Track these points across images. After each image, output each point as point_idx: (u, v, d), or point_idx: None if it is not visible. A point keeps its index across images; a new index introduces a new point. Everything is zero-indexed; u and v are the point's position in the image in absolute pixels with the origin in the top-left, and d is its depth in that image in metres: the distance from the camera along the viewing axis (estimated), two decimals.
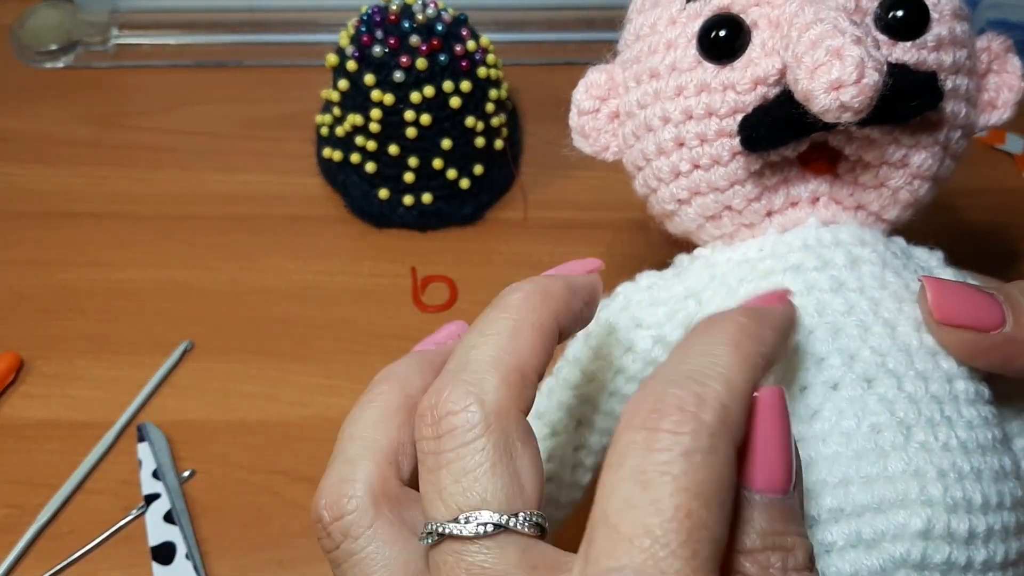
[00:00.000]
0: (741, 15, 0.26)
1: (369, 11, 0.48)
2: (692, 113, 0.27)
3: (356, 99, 0.47)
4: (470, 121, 0.48)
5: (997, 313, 0.25)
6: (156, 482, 0.40)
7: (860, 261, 0.27)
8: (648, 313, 0.28)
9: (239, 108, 0.57)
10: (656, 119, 0.28)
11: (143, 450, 0.41)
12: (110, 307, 0.47)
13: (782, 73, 0.25)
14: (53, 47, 0.60)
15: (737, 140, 0.26)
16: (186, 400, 0.43)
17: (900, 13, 0.25)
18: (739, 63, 0.26)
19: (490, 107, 0.49)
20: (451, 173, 0.49)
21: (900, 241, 0.29)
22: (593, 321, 0.27)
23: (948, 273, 0.29)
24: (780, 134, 0.26)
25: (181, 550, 0.38)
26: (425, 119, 0.46)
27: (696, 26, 0.27)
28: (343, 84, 0.47)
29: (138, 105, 0.58)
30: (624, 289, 0.29)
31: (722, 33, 0.26)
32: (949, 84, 0.26)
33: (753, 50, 0.26)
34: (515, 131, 0.54)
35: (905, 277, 0.27)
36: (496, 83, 0.49)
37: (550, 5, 0.63)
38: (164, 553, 0.38)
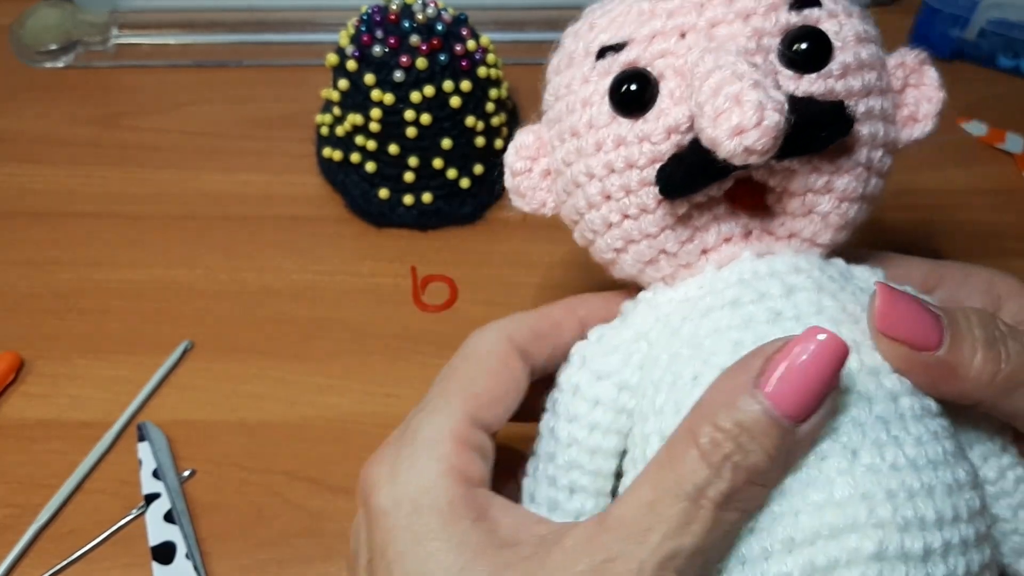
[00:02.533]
0: (648, 68, 0.27)
1: (369, 11, 0.48)
2: (613, 167, 0.27)
3: (356, 99, 0.47)
4: (470, 121, 0.48)
5: (935, 334, 0.25)
6: (156, 482, 0.40)
7: (795, 289, 0.27)
8: (605, 363, 0.29)
9: (239, 108, 0.57)
10: (581, 175, 0.28)
11: (143, 450, 0.41)
12: (110, 307, 0.47)
13: (692, 121, 0.25)
14: (53, 47, 0.60)
15: (655, 190, 0.27)
16: (186, 400, 0.43)
17: (803, 46, 0.26)
18: (651, 115, 0.26)
19: (490, 107, 0.49)
20: (451, 173, 0.49)
21: (839, 263, 0.29)
22: (556, 386, 0.29)
23: None
24: (696, 179, 0.26)
25: (181, 550, 0.38)
26: (425, 119, 0.46)
27: (607, 83, 0.27)
28: (343, 84, 0.47)
29: (138, 105, 0.58)
30: (578, 348, 0.30)
31: (632, 87, 0.27)
32: (862, 107, 0.27)
33: (663, 101, 0.26)
34: (515, 130, 0.54)
35: (842, 299, 0.27)
36: (496, 83, 0.49)
37: (550, 5, 0.63)
38: (164, 553, 0.38)
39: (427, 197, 0.49)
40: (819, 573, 0.23)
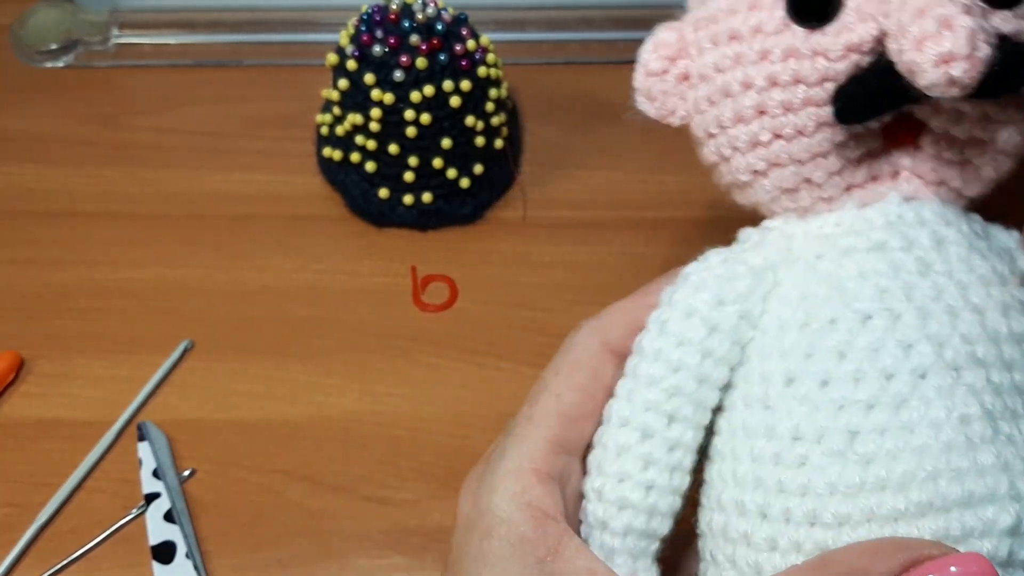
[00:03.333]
0: None
1: (369, 10, 0.48)
2: (777, 80, 0.25)
3: (356, 98, 0.47)
4: (470, 120, 0.48)
5: None
6: (156, 481, 0.40)
7: (945, 242, 0.25)
8: (728, 289, 0.27)
9: (239, 108, 0.57)
10: (736, 84, 0.26)
11: (143, 449, 0.41)
12: (110, 307, 0.47)
13: (878, 40, 0.24)
14: (53, 46, 0.60)
15: (824, 110, 0.25)
16: (186, 399, 0.43)
17: None
18: (831, 28, 0.24)
19: (490, 106, 0.49)
20: (451, 172, 0.49)
21: (979, 219, 0.28)
22: (665, 305, 0.28)
23: None
24: (876, 105, 0.24)
25: (181, 549, 0.38)
26: (425, 118, 0.46)
27: None
28: (343, 83, 0.47)
29: (138, 105, 0.58)
30: (695, 268, 0.28)
31: None
32: None
33: (847, 14, 0.24)
34: (515, 130, 0.54)
35: (990, 259, 0.26)
36: (496, 82, 0.49)
37: (550, 5, 0.63)
38: (164, 552, 0.38)
39: (427, 197, 0.49)
40: (950, 541, 0.22)
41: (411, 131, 0.47)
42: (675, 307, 0.27)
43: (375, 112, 0.46)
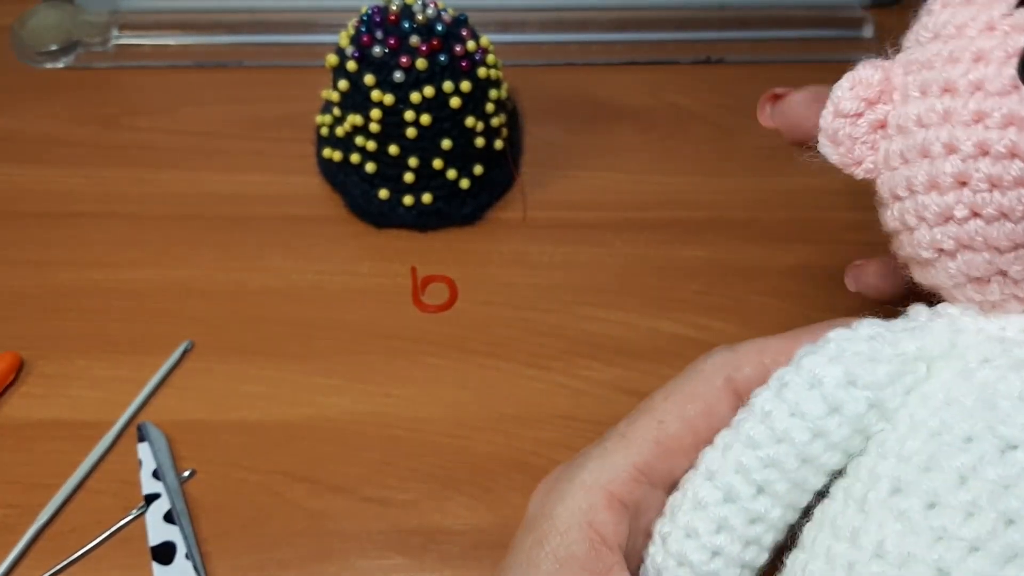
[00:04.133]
0: None
1: (369, 11, 0.48)
2: (990, 149, 0.21)
3: (356, 99, 0.47)
4: (470, 121, 0.48)
5: None
6: (156, 482, 0.40)
7: None
8: (866, 370, 0.23)
9: (239, 108, 0.57)
10: (938, 145, 0.22)
11: (143, 450, 0.41)
12: (110, 307, 0.47)
13: None
14: (53, 47, 0.60)
15: None
16: (186, 400, 0.43)
17: None
18: None
19: (490, 107, 0.49)
20: (451, 173, 0.49)
21: None
22: (793, 365, 0.25)
23: None
24: None
25: (181, 550, 0.38)
26: (425, 119, 0.46)
27: (1019, 43, 0.21)
28: (343, 84, 0.47)
29: (138, 105, 0.58)
30: (838, 336, 0.24)
31: None
32: None
33: None
34: (515, 131, 0.54)
35: None
36: (496, 83, 0.49)
37: (550, 6, 0.63)
38: (164, 553, 0.38)
39: (427, 197, 0.49)
40: None
41: (411, 132, 0.47)
42: (801, 372, 0.24)
43: (375, 113, 0.46)
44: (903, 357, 0.23)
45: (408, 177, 0.48)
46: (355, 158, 0.49)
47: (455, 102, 0.47)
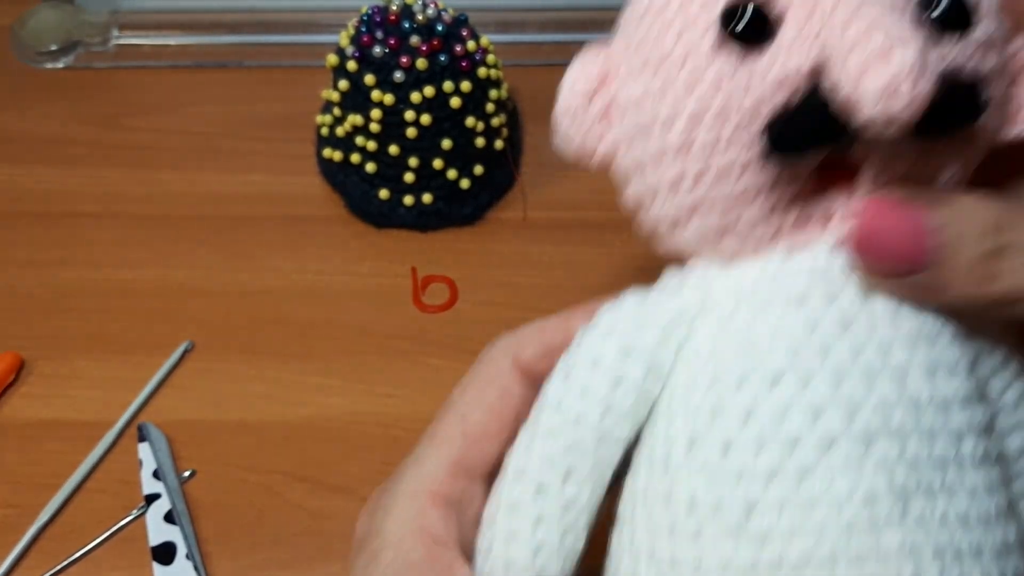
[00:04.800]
0: (771, 1, 0.22)
1: (369, 11, 0.48)
2: (705, 112, 0.23)
3: (356, 99, 0.47)
4: (470, 121, 0.48)
5: (920, 257, 0.22)
6: (156, 482, 0.40)
7: (872, 296, 0.23)
8: (637, 338, 0.25)
9: (239, 108, 0.57)
10: (660, 117, 0.23)
11: (143, 450, 0.41)
12: (110, 307, 0.47)
13: (815, 69, 0.22)
14: (53, 47, 0.60)
15: (753, 148, 0.23)
16: (186, 400, 0.43)
17: (943, 5, 0.21)
18: (767, 55, 0.22)
19: (490, 107, 0.49)
20: (451, 173, 0.49)
21: None
22: (573, 348, 0.26)
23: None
24: (812, 140, 0.22)
25: (181, 550, 0.38)
26: (425, 119, 0.46)
27: (717, 10, 0.22)
28: (343, 84, 0.47)
29: (138, 105, 0.58)
30: (607, 311, 0.26)
31: (748, 18, 0.22)
32: (985, 95, 0.23)
33: (783, 40, 0.22)
34: (515, 131, 0.54)
35: (922, 314, 0.23)
36: (496, 83, 0.49)
37: (550, 6, 0.63)
38: (164, 553, 0.38)
39: (427, 198, 0.49)
40: None
41: (411, 132, 0.47)
42: (581, 352, 0.25)
43: (375, 113, 0.46)
44: (666, 319, 0.25)
45: (408, 177, 0.48)
46: (355, 158, 0.49)
47: (455, 102, 0.47)
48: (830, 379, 0.22)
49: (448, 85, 0.46)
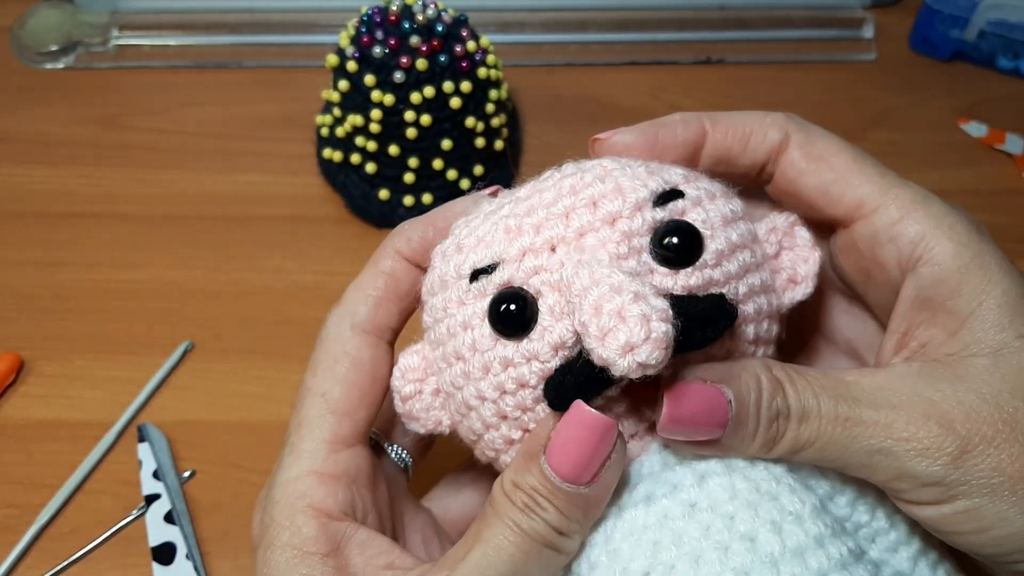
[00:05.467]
0: (524, 286, 0.26)
1: (369, 12, 0.48)
2: (504, 388, 0.26)
3: (356, 100, 0.47)
4: (470, 122, 0.48)
5: (719, 426, 0.25)
6: (156, 482, 0.40)
7: (706, 475, 0.26)
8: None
9: (239, 108, 0.57)
10: (473, 399, 0.27)
11: (143, 450, 0.41)
12: (110, 307, 0.47)
13: (577, 334, 0.25)
14: (53, 48, 0.60)
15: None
16: (186, 400, 0.43)
17: (674, 241, 0.25)
18: (535, 333, 0.25)
19: (490, 108, 0.49)
20: (451, 174, 0.49)
21: None
22: None
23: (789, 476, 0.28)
24: (587, 390, 0.25)
25: (181, 550, 0.38)
26: (425, 119, 0.46)
27: (484, 305, 0.26)
28: (343, 85, 0.47)
29: (138, 105, 0.58)
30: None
31: (511, 308, 0.26)
32: (743, 288, 0.26)
33: (544, 318, 0.25)
34: (515, 132, 0.54)
35: (754, 476, 0.26)
36: (496, 84, 0.49)
37: (550, 6, 0.63)
38: (164, 553, 0.38)
39: (427, 198, 0.49)
40: None
41: (411, 132, 0.47)
42: None
43: (375, 113, 0.46)
44: None
45: (408, 177, 0.48)
46: (355, 158, 0.49)
47: (455, 102, 0.47)
48: (689, 563, 0.25)
49: (448, 85, 0.46)
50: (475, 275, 0.27)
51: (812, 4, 0.65)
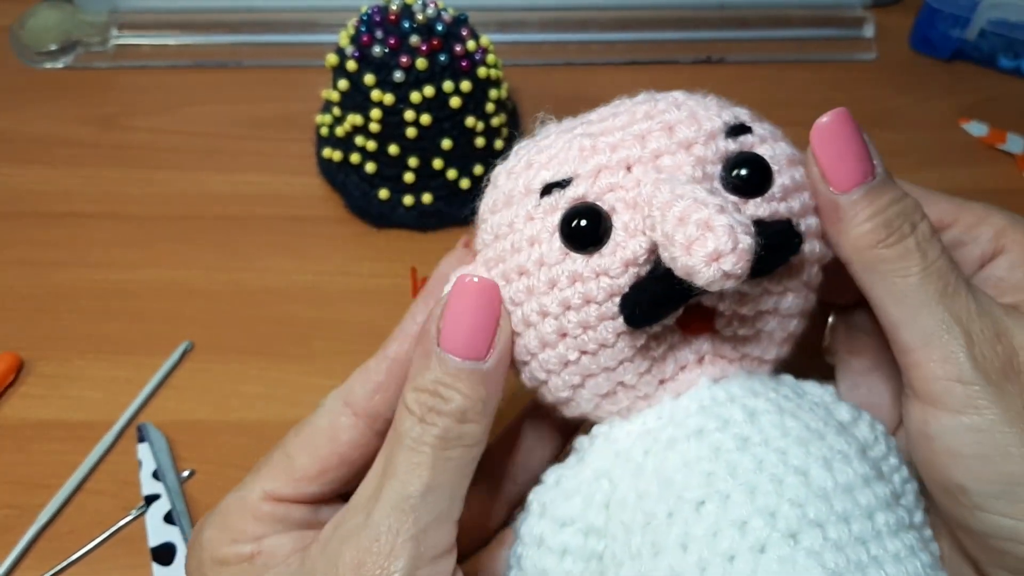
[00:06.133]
0: (598, 202, 0.26)
1: (369, 11, 0.48)
2: (570, 304, 0.26)
3: (356, 99, 0.47)
4: (470, 121, 0.48)
5: (851, 180, 0.27)
6: (156, 482, 0.40)
7: (757, 413, 0.27)
8: (566, 508, 0.28)
9: (239, 108, 0.57)
10: (534, 314, 0.27)
11: (143, 450, 0.41)
12: (110, 307, 0.47)
13: (650, 251, 0.25)
14: (53, 47, 0.60)
15: (619, 321, 0.26)
16: (186, 400, 0.43)
17: (744, 172, 0.26)
18: (607, 249, 0.26)
19: (490, 107, 0.49)
20: (451, 173, 0.49)
21: (789, 380, 0.29)
22: (519, 540, 0.29)
23: (843, 409, 0.29)
24: (661, 308, 0.26)
25: (181, 550, 0.38)
26: (425, 119, 0.46)
27: (556, 219, 0.27)
28: (343, 84, 0.47)
29: (138, 105, 0.58)
30: (534, 495, 0.29)
31: (583, 223, 0.26)
32: (803, 226, 0.27)
33: (617, 234, 0.26)
34: (515, 131, 0.54)
35: (803, 418, 0.27)
36: (496, 83, 0.49)
37: (550, 6, 0.63)
38: (164, 554, 0.38)
39: (427, 198, 0.49)
40: None
41: (411, 132, 0.47)
42: (524, 539, 0.28)
43: (375, 113, 0.46)
44: (586, 482, 0.28)
45: (408, 177, 0.48)
46: (355, 158, 0.49)
47: (455, 102, 0.47)
48: (745, 493, 0.25)
49: (448, 85, 0.46)
50: (546, 190, 0.27)
51: (812, 3, 0.65)
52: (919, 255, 0.26)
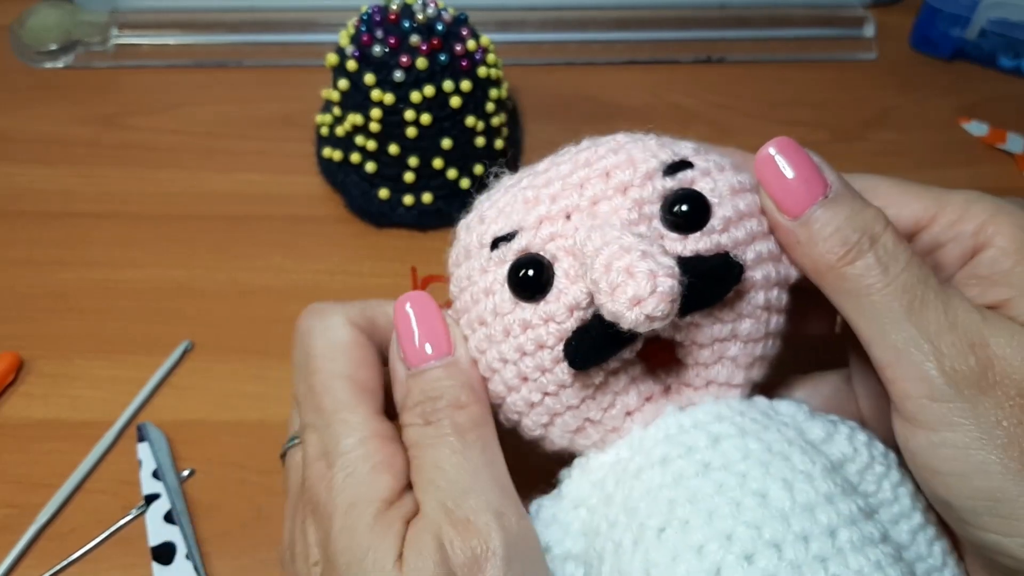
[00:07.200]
0: (541, 253, 0.28)
1: (369, 11, 0.48)
2: (524, 350, 0.28)
3: (356, 99, 0.47)
4: (470, 121, 0.48)
5: (800, 205, 0.27)
6: (156, 482, 0.40)
7: (720, 438, 0.27)
8: (544, 536, 0.29)
9: (239, 108, 0.57)
10: (496, 361, 0.29)
11: (143, 450, 0.41)
12: (110, 307, 0.47)
13: (591, 296, 0.26)
14: (53, 47, 0.60)
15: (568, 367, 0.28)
16: (186, 400, 0.43)
17: (683, 208, 0.27)
18: (551, 296, 0.27)
19: (490, 107, 0.49)
20: (451, 173, 0.49)
21: (760, 402, 0.30)
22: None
23: (816, 426, 0.29)
24: (605, 348, 0.27)
25: (181, 550, 0.38)
26: (425, 119, 0.46)
27: (504, 271, 0.28)
28: (343, 84, 0.47)
29: (138, 105, 0.58)
30: (537, 504, 0.30)
31: (529, 273, 0.27)
32: (751, 254, 0.28)
33: (559, 281, 0.27)
34: (515, 131, 0.54)
35: (767, 439, 0.27)
36: (496, 83, 0.49)
37: (550, 5, 0.63)
38: (164, 553, 0.38)
39: (427, 197, 0.49)
40: None
41: (411, 131, 0.47)
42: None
43: (375, 112, 0.46)
44: (564, 511, 0.29)
45: (408, 177, 0.48)
46: (355, 158, 0.49)
47: (455, 101, 0.47)
48: (702, 517, 0.26)
49: (448, 84, 0.46)
50: (495, 243, 0.29)
51: (813, 3, 0.64)
52: (879, 271, 0.26)
